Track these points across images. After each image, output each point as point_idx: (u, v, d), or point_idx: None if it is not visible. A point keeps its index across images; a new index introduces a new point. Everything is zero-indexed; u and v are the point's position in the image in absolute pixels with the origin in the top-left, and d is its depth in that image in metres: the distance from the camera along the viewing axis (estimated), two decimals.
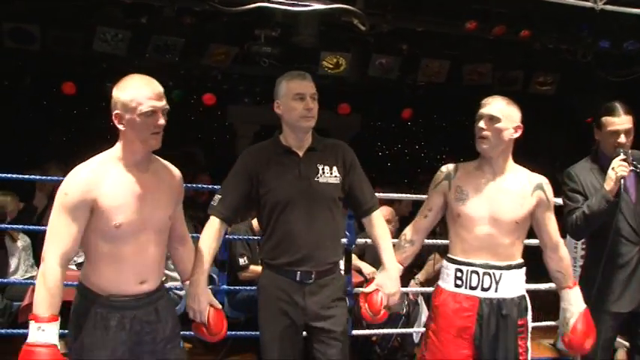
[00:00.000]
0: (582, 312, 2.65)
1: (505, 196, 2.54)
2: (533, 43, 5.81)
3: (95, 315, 2.17)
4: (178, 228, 2.47)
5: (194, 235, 2.75)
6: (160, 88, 2.21)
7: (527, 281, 2.78)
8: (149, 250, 2.24)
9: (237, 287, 4.09)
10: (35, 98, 7.90)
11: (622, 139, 2.84)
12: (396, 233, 4.00)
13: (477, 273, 2.52)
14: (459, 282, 2.55)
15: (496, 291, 2.52)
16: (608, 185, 2.77)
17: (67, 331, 2.21)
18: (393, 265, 2.63)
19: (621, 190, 2.76)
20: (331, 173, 2.61)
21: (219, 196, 2.60)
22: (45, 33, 5.72)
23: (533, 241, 4.27)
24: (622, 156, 2.80)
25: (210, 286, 3.86)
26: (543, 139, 8.17)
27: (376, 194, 2.82)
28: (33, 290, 3.98)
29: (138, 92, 2.14)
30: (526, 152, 2.84)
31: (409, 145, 10.18)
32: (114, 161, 2.19)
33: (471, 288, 2.52)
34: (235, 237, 4.02)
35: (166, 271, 4.16)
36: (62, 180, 2.18)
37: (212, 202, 2.61)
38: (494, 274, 2.52)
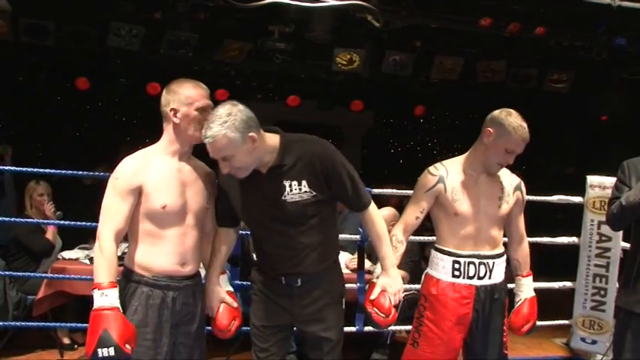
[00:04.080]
0: (529, 298, 2.90)
1: (493, 194, 2.79)
2: (548, 40, 5.77)
3: (141, 294, 2.36)
4: (208, 224, 2.61)
5: None
6: (207, 89, 2.50)
7: (539, 280, 2.85)
8: (190, 234, 2.45)
9: (249, 283, 4.08)
10: (49, 93, 7.94)
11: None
12: None
13: (474, 264, 2.75)
14: (456, 273, 2.76)
15: (490, 278, 2.78)
16: None
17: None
18: (391, 265, 2.57)
19: None
20: (300, 189, 2.38)
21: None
22: (60, 28, 5.74)
23: (545, 240, 4.26)
24: None
25: None
26: (557, 138, 8.13)
27: (387, 190, 2.80)
28: (47, 284, 4.09)
29: (194, 91, 2.44)
30: (539, 150, 2.84)
31: (422, 143, 10.14)
32: (159, 153, 2.45)
33: (469, 277, 2.75)
34: (248, 232, 4.01)
35: None
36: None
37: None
38: (488, 263, 2.77)
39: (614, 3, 4.34)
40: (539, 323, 3.78)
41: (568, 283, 4.34)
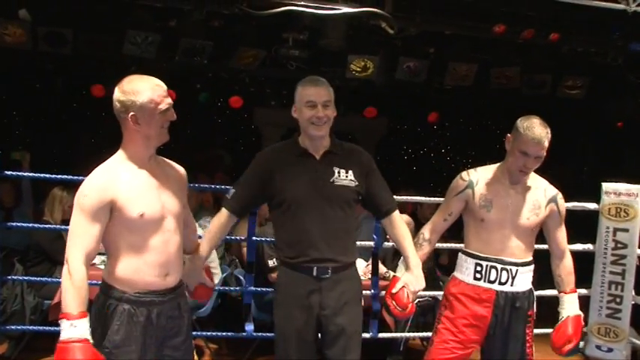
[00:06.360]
0: (572, 316, 2.87)
1: (523, 204, 2.79)
2: (562, 46, 5.75)
3: (122, 313, 2.24)
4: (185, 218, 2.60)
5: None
6: (164, 85, 2.32)
7: (553, 287, 2.86)
8: (172, 240, 2.33)
9: (264, 289, 4.11)
10: (66, 101, 8.02)
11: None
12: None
13: (496, 268, 2.77)
14: (478, 275, 2.79)
15: (511, 285, 2.77)
16: None
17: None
18: (416, 264, 2.74)
19: None
20: (347, 176, 2.66)
21: (233, 191, 2.74)
22: (77, 36, 5.81)
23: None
24: None
25: (237, 287, 3.93)
26: (572, 144, 8.08)
27: (401, 197, 2.87)
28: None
29: (153, 92, 2.26)
30: (554, 157, 2.83)
31: (435, 149, 10.12)
32: (124, 162, 2.30)
33: (490, 281, 2.77)
34: (263, 239, 4.03)
35: None
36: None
37: (226, 195, 2.76)
38: (510, 269, 2.77)
39: (630, 8, 4.32)
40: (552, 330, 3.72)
41: (583, 290, 4.30)
